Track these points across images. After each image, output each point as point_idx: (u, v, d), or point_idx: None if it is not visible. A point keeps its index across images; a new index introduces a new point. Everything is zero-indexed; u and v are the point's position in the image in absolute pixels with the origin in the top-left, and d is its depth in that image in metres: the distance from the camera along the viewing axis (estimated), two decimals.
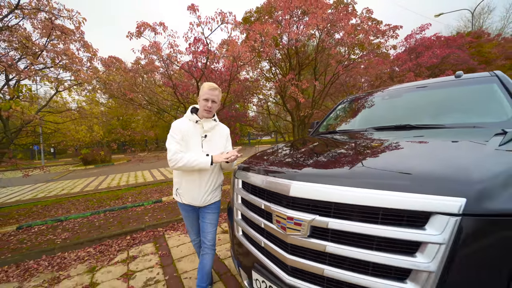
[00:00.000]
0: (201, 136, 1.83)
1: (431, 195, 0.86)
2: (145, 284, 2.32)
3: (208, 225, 1.90)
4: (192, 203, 1.86)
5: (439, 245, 0.81)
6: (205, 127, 1.84)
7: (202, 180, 1.82)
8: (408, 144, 1.45)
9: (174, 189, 1.94)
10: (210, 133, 1.87)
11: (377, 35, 6.38)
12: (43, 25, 3.54)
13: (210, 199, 1.89)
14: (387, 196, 0.92)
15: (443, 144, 1.39)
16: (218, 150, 1.88)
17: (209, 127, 1.85)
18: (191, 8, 4.12)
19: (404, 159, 1.20)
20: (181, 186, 1.86)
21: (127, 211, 4.37)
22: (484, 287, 0.77)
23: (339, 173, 1.14)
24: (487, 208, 0.78)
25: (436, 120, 1.97)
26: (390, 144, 1.46)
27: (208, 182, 1.85)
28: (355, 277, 0.96)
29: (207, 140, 1.85)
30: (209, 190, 1.86)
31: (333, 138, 2.12)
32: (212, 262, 1.94)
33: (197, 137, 1.82)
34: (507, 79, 2.01)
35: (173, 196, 1.96)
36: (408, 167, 1.05)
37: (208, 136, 1.85)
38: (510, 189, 0.80)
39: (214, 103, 1.82)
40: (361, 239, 0.97)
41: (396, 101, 2.50)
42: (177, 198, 1.92)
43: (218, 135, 1.92)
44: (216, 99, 1.81)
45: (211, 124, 1.87)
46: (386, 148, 1.41)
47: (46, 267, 2.74)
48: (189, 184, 1.82)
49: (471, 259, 0.79)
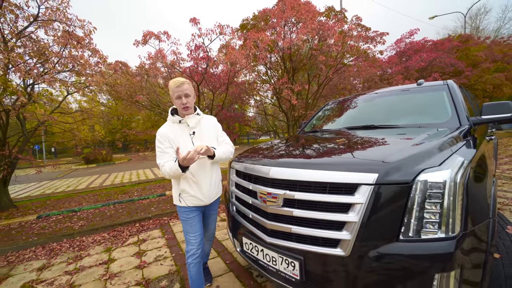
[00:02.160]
0: (189, 134, 1.80)
1: (359, 172, 1.29)
2: (155, 259, 2.74)
3: (212, 223, 2.05)
4: (199, 204, 1.83)
5: (362, 204, 1.24)
6: (191, 123, 1.79)
7: (205, 175, 1.82)
8: (359, 139, 1.90)
9: (175, 195, 1.85)
10: (197, 129, 1.83)
11: (367, 40, 6.83)
12: (62, 35, 3.95)
13: (216, 195, 1.93)
14: (332, 175, 1.36)
15: (383, 139, 1.82)
16: (211, 142, 1.85)
17: (194, 123, 1.81)
18: (192, 20, 4.55)
19: (350, 150, 1.64)
20: (184, 189, 1.79)
21: (134, 203, 4.79)
22: (385, 228, 1.21)
23: (303, 161, 1.58)
24: (388, 180, 1.21)
25: (394, 121, 2.41)
26: (347, 139, 1.90)
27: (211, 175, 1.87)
28: (312, 231, 1.39)
29: (196, 136, 1.82)
30: (212, 182, 1.88)
31: (313, 135, 2.56)
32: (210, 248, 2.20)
33: (185, 136, 1.79)
34: (454, 88, 2.45)
35: (175, 202, 1.87)
36: (349, 155, 1.50)
37: (196, 132, 1.82)
38: (401, 169, 1.24)
39: (188, 96, 1.75)
40: (316, 205, 1.40)
41: (368, 105, 2.94)
42: (181, 203, 1.82)
43: (205, 127, 1.88)
44: (188, 92, 1.74)
45: (196, 119, 1.83)
46: (343, 142, 1.86)
47: (68, 248, 3.17)
48: (192, 184, 1.79)
49: (379, 211, 1.22)
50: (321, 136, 2.42)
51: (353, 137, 2.05)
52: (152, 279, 2.36)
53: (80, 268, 2.66)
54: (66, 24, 4.35)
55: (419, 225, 1.17)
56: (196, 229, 1.82)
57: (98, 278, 2.45)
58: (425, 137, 1.68)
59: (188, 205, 1.80)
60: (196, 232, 1.82)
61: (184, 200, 1.80)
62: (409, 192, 1.19)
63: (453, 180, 1.17)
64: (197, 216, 1.84)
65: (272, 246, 1.58)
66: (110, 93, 5.87)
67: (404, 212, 1.19)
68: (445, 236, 1.14)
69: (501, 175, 5.52)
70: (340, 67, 6.85)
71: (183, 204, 1.80)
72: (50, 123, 5.06)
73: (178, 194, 1.82)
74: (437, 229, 1.15)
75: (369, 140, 1.88)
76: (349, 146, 1.78)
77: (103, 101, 22.11)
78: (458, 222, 1.15)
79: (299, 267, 1.43)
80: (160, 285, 2.25)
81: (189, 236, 1.82)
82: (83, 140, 6.61)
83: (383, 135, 1.96)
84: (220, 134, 1.98)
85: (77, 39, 4.06)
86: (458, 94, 2.34)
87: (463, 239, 1.13)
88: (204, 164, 1.82)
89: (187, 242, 1.83)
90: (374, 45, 6.80)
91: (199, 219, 1.87)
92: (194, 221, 1.83)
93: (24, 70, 3.28)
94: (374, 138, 1.89)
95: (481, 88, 10.88)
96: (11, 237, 3.44)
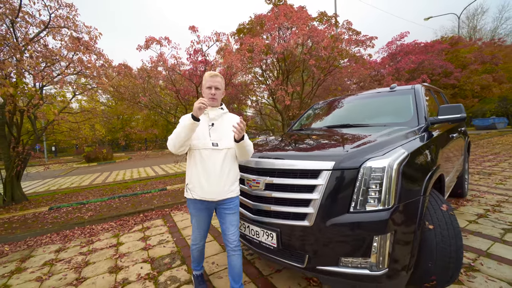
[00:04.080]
0: (208, 125, 1.78)
1: (321, 161, 1.66)
2: (158, 243, 3.11)
3: (229, 227, 1.82)
4: (206, 198, 1.75)
5: (322, 185, 1.61)
6: (211, 115, 1.80)
7: (215, 169, 1.72)
8: (332, 136, 2.26)
9: (185, 186, 1.86)
10: (217, 122, 1.81)
11: (357, 44, 7.19)
12: (72, 42, 4.30)
13: (227, 192, 1.77)
14: (301, 164, 1.72)
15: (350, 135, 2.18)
16: (227, 139, 1.78)
17: (215, 115, 1.81)
18: (191, 28, 4.90)
19: (320, 144, 2.01)
20: (192, 180, 1.77)
21: (137, 197, 5.16)
22: (339, 203, 1.57)
23: (281, 153, 1.96)
24: (341, 166, 1.58)
25: (367, 120, 2.78)
26: (322, 136, 2.27)
27: (222, 170, 1.74)
28: (286, 208, 1.75)
29: (214, 128, 1.78)
30: (223, 178, 1.75)
31: (298, 133, 2.92)
32: (241, 262, 1.85)
33: (204, 126, 1.77)
34: (419, 92, 2.80)
35: (185, 194, 1.87)
36: (317, 148, 1.87)
37: (215, 124, 1.80)
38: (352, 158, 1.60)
39: (218, 90, 1.78)
40: (289, 187, 1.76)
41: (348, 107, 3.31)
42: (188, 194, 1.81)
43: (226, 124, 1.83)
44: (219, 86, 1.78)
45: (218, 113, 1.83)
46: (318, 138, 2.23)
47: (80, 235, 3.53)
48: (200, 175, 1.73)
49: (335, 190, 1.58)
50: (304, 133, 2.78)
51: (328, 134, 2.42)
52: (156, 258, 2.72)
53: (93, 250, 3.02)
54: (74, 31, 4.69)
55: (364, 200, 1.54)
56: (201, 226, 1.87)
57: (110, 257, 2.81)
58: (383, 133, 2.05)
59: (194, 197, 1.77)
60: (201, 228, 1.88)
61: (190, 191, 1.79)
62: (357, 175, 1.55)
63: (391, 166, 1.54)
64: (205, 215, 1.84)
65: (256, 222, 1.94)
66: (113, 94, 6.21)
67: (353, 190, 1.56)
68: (382, 208, 1.50)
69: (481, 171, 5.90)
70: (332, 69, 7.22)
71: (190, 196, 1.79)
72: (58, 122, 5.42)
73: (186, 184, 1.84)
74: (377, 203, 1.52)
75: (339, 136, 2.25)
76: (321, 141, 2.15)
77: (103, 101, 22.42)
78: (392, 198, 1.51)
79: (276, 237, 1.79)
80: (163, 262, 2.62)
81: (194, 229, 1.91)
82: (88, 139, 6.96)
83: (354, 132, 2.33)
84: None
85: (86, 45, 4.41)
86: (422, 98, 2.70)
87: (396, 210, 1.50)
88: (219, 154, 1.75)
89: (193, 233, 1.94)
90: (364, 48, 7.17)
91: (207, 215, 1.85)
92: (201, 219, 1.84)
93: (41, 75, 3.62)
94: (344, 135, 2.26)
95: (470, 89, 11.26)
96: (28, 225, 3.80)
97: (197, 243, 1.95)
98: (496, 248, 2.44)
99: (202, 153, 1.72)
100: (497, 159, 7.37)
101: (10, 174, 4.74)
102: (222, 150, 1.75)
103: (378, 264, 1.49)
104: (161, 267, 2.52)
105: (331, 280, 1.64)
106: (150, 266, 2.55)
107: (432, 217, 1.75)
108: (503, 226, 2.90)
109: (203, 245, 2.00)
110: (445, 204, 1.83)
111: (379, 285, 1.53)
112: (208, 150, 1.72)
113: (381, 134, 2.03)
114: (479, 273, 2.08)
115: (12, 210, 4.62)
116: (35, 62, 3.69)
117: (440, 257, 1.67)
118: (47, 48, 4.28)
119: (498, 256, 2.31)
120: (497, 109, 21.68)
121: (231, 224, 1.82)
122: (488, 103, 19.78)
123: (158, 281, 2.27)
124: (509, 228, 2.84)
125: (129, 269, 2.52)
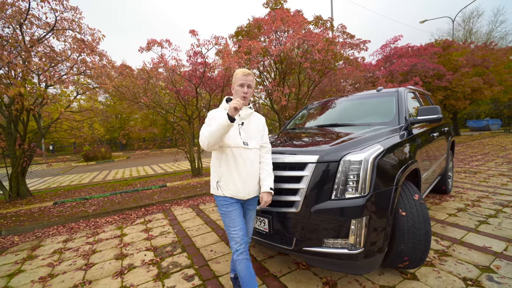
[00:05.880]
0: (238, 124, 1.76)
1: (307, 155, 1.89)
2: (160, 234, 3.32)
3: (249, 221, 1.85)
4: (238, 196, 1.71)
5: (308, 176, 1.84)
6: (242, 114, 1.78)
7: (246, 167, 1.71)
8: (320, 134, 2.50)
9: (213, 183, 1.78)
10: (247, 121, 1.80)
11: (351, 47, 7.46)
12: (78, 45, 4.50)
13: (255, 191, 1.79)
14: (290, 157, 1.95)
15: (336, 134, 2.41)
16: (255, 139, 1.80)
17: (245, 114, 1.79)
18: (192, 32, 5.12)
19: (308, 141, 2.24)
20: (224, 178, 1.71)
21: (139, 193, 5.36)
22: (322, 191, 1.80)
23: (274, 149, 2.17)
24: (324, 159, 1.81)
25: (354, 120, 3.02)
26: (312, 134, 2.50)
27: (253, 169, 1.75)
28: (277, 197, 1.98)
29: (244, 128, 1.77)
30: (253, 177, 1.76)
31: (291, 132, 3.15)
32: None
33: (235, 125, 1.74)
34: (401, 94, 3.04)
35: (212, 191, 1.80)
36: (305, 145, 2.10)
37: (245, 123, 1.79)
38: (334, 153, 1.84)
39: (250, 87, 1.75)
40: (280, 179, 1.99)
41: (337, 107, 3.55)
42: (218, 191, 1.74)
43: (254, 124, 1.84)
44: (251, 84, 1.75)
45: (247, 112, 1.81)
46: (307, 136, 2.46)
47: (85, 227, 3.73)
48: (233, 173, 1.69)
49: (318, 180, 1.81)
50: (297, 132, 3.01)
51: (318, 132, 2.65)
52: (159, 246, 2.94)
53: (98, 240, 3.23)
54: (79, 33, 4.89)
55: (344, 189, 1.77)
56: (237, 223, 1.70)
57: (115, 246, 3.02)
58: (365, 132, 2.29)
59: (225, 195, 1.71)
60: (237, 226, 1.69)
61: (221, 188, 1.72)
62: (338, 167, 1.79)
63: (367, 160, 1.77)
64: (237, 209, 1.73)
65: None
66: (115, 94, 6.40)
67: (334, 181, 1.79)
68: (359, 195, 1.73)
69: (468, 169, 6.18)
70: (327, 71, 7.47)
71: (220, 193, 1.72)
72: (61, 121, 5.60)
73: (216, 181, 1.75)
74: (355, 191, 1.75)
75: (326, 134, 2.48)
76: (310, 138, 2.38)
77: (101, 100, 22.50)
78: (368, 187, 1.74)
79: (268, 223, 2.02)
80: (165, 250, 2.83)
81: (229, 230, 1.71)
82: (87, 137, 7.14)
83: (340, 130, 2.57)
84: (265, 136, 1.92)
85: (91, 47, 4.61)
86: (404, 100, 2.94)
87: (371, 197, 1.73)
88: (249, 153, 1.75)
89: (230, 237, 1.71)
90: (358, 51, 7.43)
91: (240, 212, 1.74)
92: (235, 214, 1.71)
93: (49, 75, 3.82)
94: (331, 133, 2.50)
95: (461, 91, 11.59)
96: (34, 218, 3.99)
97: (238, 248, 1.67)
98: (469, 237, 2.69)
99: (234, 152, 1.70)
100: (485, 158, 7.66)
101: (16, 170, 4.92)
102: (252, 150, 1.76)
103: (355, 244, 1.72)
104: (164, 254, 2.74)
105: (316, 260, 1.87)
106: (153, 254, 2.76)
107: (405, 205, 1.99)
108: (478, 219, 3.15)
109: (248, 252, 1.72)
110: (417, 194, 2.07)
111: (356, 263, 1.76)
112: (240, 149, 1.71)
113: (363, 132, 2.27)
114: (451, 257, 2.33)
115: (18, 205, 4.81)
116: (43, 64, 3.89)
117: (411, 240, 1.91)
118: (53, 50, 4.48)
119: (469, 243, 2.56)
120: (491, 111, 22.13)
121: (251, 219, 1.87)
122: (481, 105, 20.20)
123: (161, 266, 2.48)
124: (484, 220, 3.10)
125: (133, 256, 2.74)
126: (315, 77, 6.84)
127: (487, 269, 2.12)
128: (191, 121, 6.66)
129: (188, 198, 4.90)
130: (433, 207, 3.66)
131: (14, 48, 3.95)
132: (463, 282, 1.96)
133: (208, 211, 4.12)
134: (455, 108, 13.97)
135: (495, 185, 4.62)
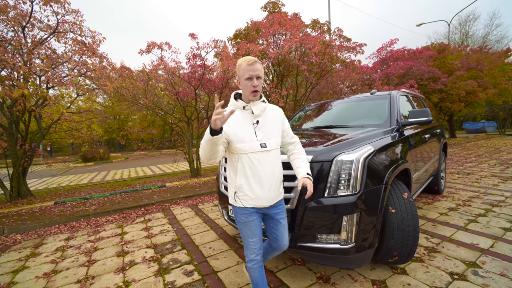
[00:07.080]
0: (252, 123, 1.54)
1: None
2: (160, 232, 3.40)
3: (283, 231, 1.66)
4: (258, 205, 1.54)
5: None
6: (255, 111, 1.53)
7: (266, 173, 1.52)
8: (315, 135, 2.60)
9: (231, 193, 1.61)
10: (262, 118, 1.57)
11: (348, 50, 7.60)
12: (79, 47, 4.59)
13: (277, 196, 1.60)
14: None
15: (330, 135, 2.52)
16: (275, 137, 1.57)
17: (259, 111, 1.55)
18: (191, 35, 5.23)
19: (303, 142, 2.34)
20: (241, 188, 1.52)
21: (138, 193, 5.43)
22: (316, 189, 1.90)
23: None
24: (318, 159, 1.91)
25: (348, 122, 3.13)
26: (307, 135, 2.61)
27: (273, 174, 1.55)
28: None
29: (260, 126, 1.54)
30: (275, 181, 1.56)
31: None
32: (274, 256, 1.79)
33: (248, 124, 1.53)
34: (394, 97, 3.16)
35: (230, 201, 1.64)
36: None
37: (260, 121, 1.55)
38: (327, 153, 1.94)
39: (260, 79, 1.50)
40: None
41: (333, 109, 3.66)
42: (237, 202, 1.57)
43: (271, 118, 1.60)
44: (260, 74, 1.49)
45: (261, 107, 1.56)
46: (302, 137, 2.56)
47: (86, 226, 3.80)
48: (251, 182, 1.50)
49: (313, 180, 1.90)
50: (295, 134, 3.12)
51: (313, 134, 2.76)
52: (159, 244, 3.02)
53: (100, 238, 3.30)
54: (80, 35, 4.98)
55: (336, 187, 1.87)
56: (256, 234, 1.58)
57: (116, 243, 3.10)
58: (358, 133, 2.40)
59: (245, 205, 1.54)
60: (255, 236, 1.58)
61: (240, 199, 1.55)
62: (331, 166, 1.89)
63: (358, 160, 1.88)
64: (257, 219, 1.59)
65: None
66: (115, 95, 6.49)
67: (327, 179, 1.89)
68: (350, 193, 1.83)
69: (462, 171, 6.31)
70: (325, 73, 7.60)
71: (240, 204, 1.56)
72: (61, 122, 5.68)
73: (234, 192, 1.58)
74: (346, 189, 1.85)
75: (321, 135, 2.59)
76: (305, 139, 2.48)
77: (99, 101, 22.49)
78: (358, 185, 1.85)
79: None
80: (165, 247, 2.92)
81: (247, 240, 1.59)
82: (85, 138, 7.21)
83: (335, 132, 2.68)
84: (288, 130, 1.72)
85: (92, 50, 4.70)
86: (396, 103, 3.06)
87: (361, 195, 1.83)
88: (268, 156, 1.53)
89: (246, 247, 1.62)
90: (355, 54, 7.58)
91: (259, 221, 1.61)
92: (254, 225, 1.57)
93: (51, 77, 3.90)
94: (326, 134, 2.61)
95: (456, 94, 11.79)
96: (36, 217, 4.06)
97: (253, 258, 1.59)
98: (458, 235, 2.80)
99: (251, 158, 1.49)
100: (479, 160, 7.81)
101: (17, 170, 4.98)
102: (271, 151, 1.54)
103: (347, 239, 1.82)
104: (164, 251, 2.82)
105: (310, 255, 1.96)
106: (154, 251, 2.85)
107: (395, 203, 2.10)
108: (468, 218, 3.27)
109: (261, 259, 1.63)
110: (406, 193, 2.18)
111: (348, 257, 1.86)
112: (258, 154, 1.49)
113: (356, 134, 2.38)
114: (440, 254, 2.43)
115: (19, 204, 4.87)
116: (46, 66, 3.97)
117: (400, 236, 2.01)
118: (55, 53, 4.57)
119: (458, 241, 2.67)
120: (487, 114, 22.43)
121: (285, 228, 1.67)
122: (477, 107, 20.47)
123: (162, 262, 2.57)
124: (473, 219, 3.21)
125: (134, 253, 2.82)
126: (312, 80, 6.97)
127: (473, 264, 2.22)
128: (190, 122, 6.75)
129: (187, 198, 4.99)
130: (425, 207, 3.77)
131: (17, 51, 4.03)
132: (449, 277, 2.07)
133: (207, 210, 4.21)
134: (450, 111, 14.17)
135: (486, 185, 4.74)
